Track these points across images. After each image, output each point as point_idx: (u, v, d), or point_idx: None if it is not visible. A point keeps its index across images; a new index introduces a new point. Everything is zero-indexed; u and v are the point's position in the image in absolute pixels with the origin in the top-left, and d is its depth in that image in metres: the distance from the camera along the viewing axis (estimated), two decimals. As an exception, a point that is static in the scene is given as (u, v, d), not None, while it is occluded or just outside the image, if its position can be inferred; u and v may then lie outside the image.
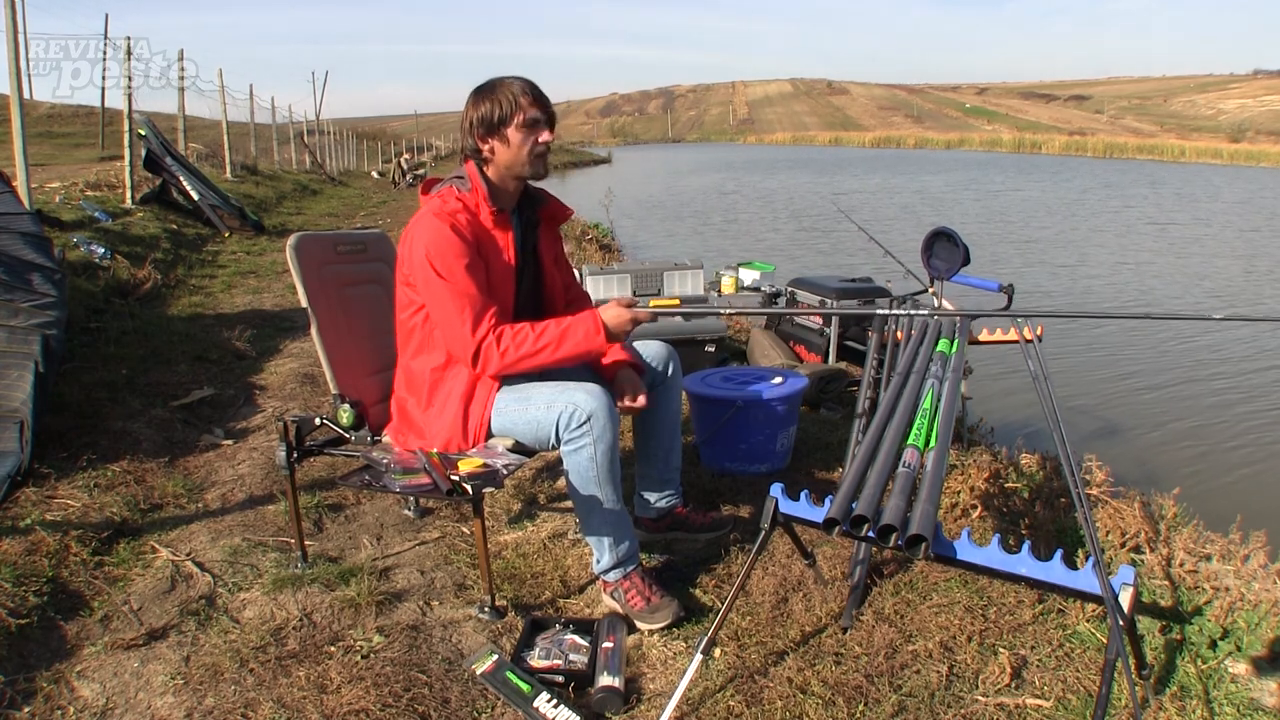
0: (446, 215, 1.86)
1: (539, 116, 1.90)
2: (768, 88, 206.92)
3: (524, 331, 1.85)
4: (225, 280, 6.48)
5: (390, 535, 2.40)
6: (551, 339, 1.84)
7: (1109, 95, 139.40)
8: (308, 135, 22.28)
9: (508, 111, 1.88)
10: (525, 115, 1.88)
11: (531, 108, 1.88)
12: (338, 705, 1.60)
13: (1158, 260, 11.83)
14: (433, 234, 1.84)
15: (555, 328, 1.86)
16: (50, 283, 3.20)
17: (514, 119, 1.88)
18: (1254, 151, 50.93)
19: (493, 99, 1.89)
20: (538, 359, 1.84)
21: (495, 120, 1.88)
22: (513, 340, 1.84)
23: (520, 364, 1.85)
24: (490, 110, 1.88)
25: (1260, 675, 1.71)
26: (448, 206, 1.88)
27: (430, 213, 1.87)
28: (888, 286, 4.76)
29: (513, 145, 1.90)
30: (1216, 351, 6.87)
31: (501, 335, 1.84)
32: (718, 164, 43.66)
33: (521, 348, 1.84)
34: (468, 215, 1.89)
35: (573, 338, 1.85)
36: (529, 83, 1.91)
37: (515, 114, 1.88)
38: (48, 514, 2.33)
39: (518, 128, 1.88)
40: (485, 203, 1.91)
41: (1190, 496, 2.62)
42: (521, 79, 1.91)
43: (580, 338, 1.85)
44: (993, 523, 2.42)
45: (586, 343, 1.85)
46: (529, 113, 1.88)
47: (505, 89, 1.89)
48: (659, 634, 1.87)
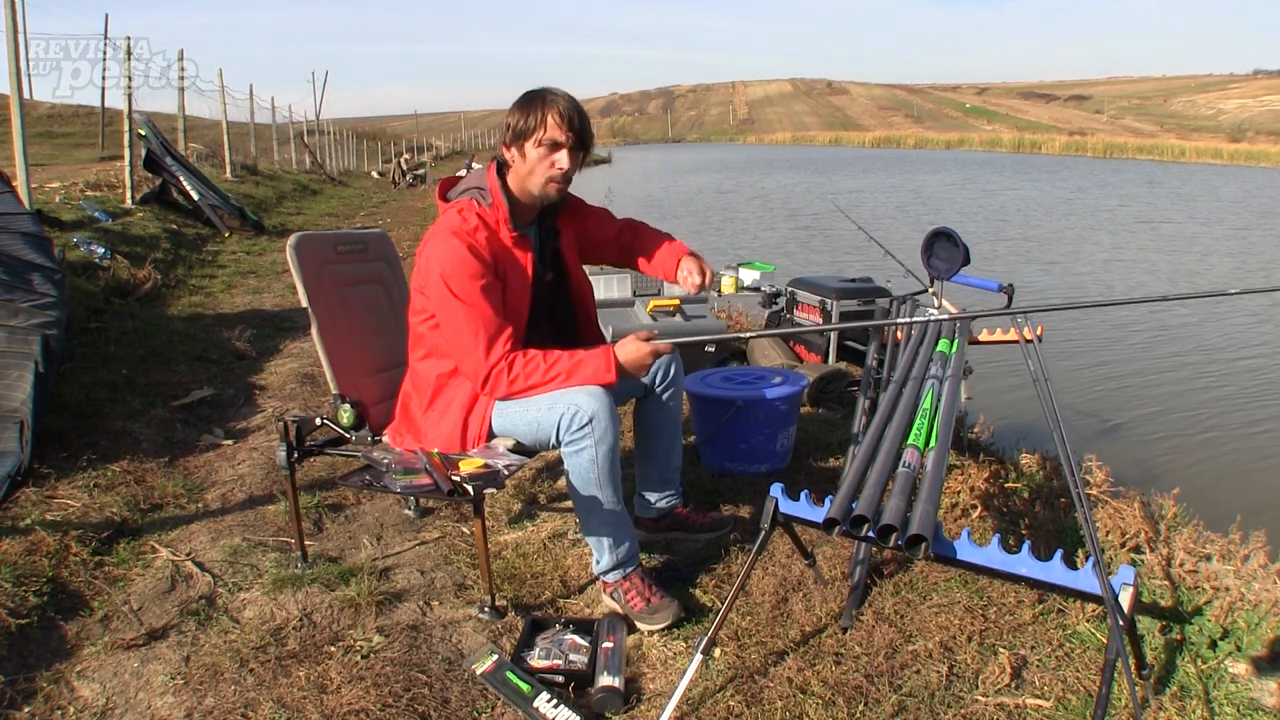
0: (465, 235, 1.83)
1: (560, 140, 1.84)
2: (768, 88, 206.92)
3: (535, 361, 1.84)
4: (225, 280, 6.48)
5: (390, 535, 2.40)
6: (562, 371, 1.84)
7: (1109, 95, 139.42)
8: (308, 135, 22.28)
9: (532, 125, 1.83)
10: (547, 134, 1.83)
11: (556, 129, 1.83)
12: (338, 705, 1.60)
13: (1151, 257, 11.87)
14: (449, 254, 1.82)
15: (567, 360, 1.84)
16: (50, 283, 3.20)
17: (535, 134, 1.83)
18: (1254, 151, 50.92)
19: (528, 109, 1.84)
20: (546, 388, 1.85)
21: (520, 130, 1.85)
22: (524, 369, 1.83)
23: (527, 392, 1.86)
24: (520, 119, 1.85)
25: (1260, 675, 1.71)
26: (467, 225, 1.85)
27: (449, 231, 1.84)
28: (888, 286, 4.76)
29: (528, 161, 1.86)
30: (1217, 352, 6.87)
31: (514, 363, 1.83)
32: (718, 164, 43.64)
33: (531, 377, 1.84)
34: (487, 233, 1.87)
35: (582, 373, 1.84)
36: (569, 103, 1.85)
37: (538, 129, 1.83)
38: (48, 514, 2.33)
39: (536, 144, 1.84)
40: (505, 224, 1.89)
41: (1190, 496, 2.62)
42: (566, 97, 1.86)
43: (590, 374, 1.84)
44: (993, 523, 2.42)
45: (595, 379, 1.84)
46: (551, 133, 1.83)
47: (542, 102, 1.84)
48: (659, 634, 1.87)
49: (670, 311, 4.00)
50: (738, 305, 6.13)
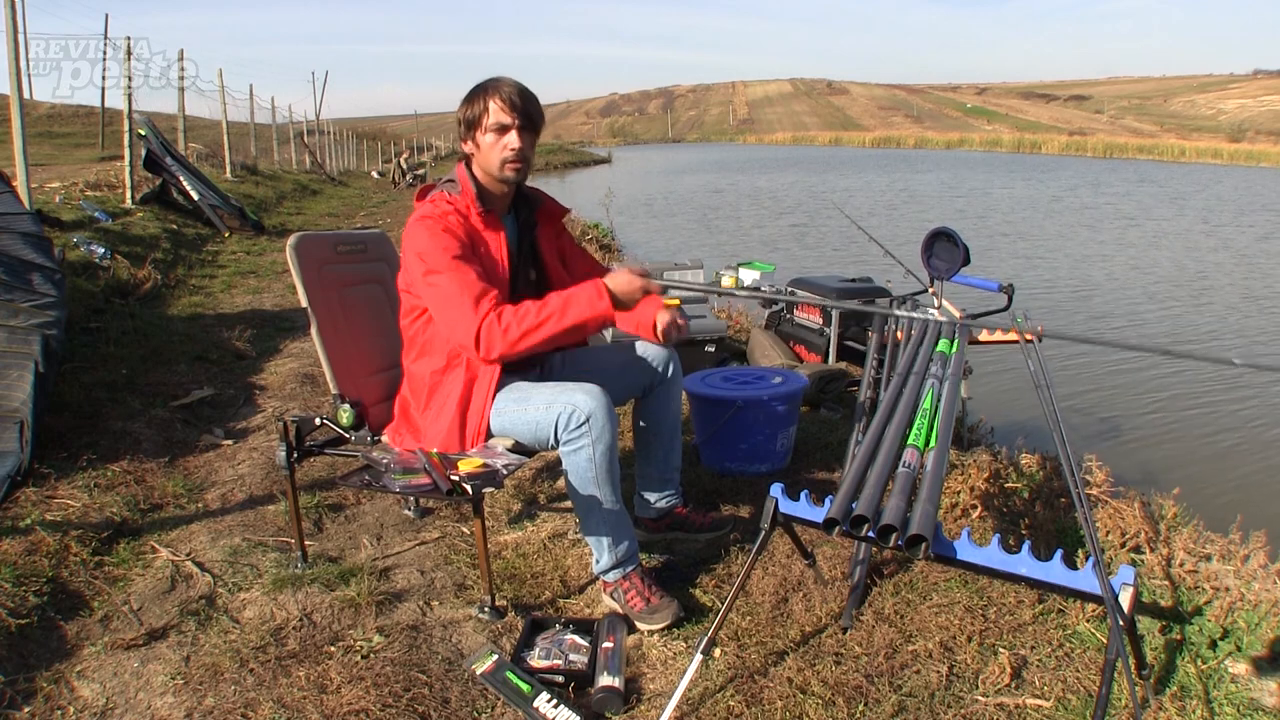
0: (436, 217, 1.87)
1: (506, 122, 1.88)
2: (768, 88, 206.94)
3: (525, 306, 1.80)
4: (225, 280, 6.48)
5: (390, 535, 2.40)
6: (555, 308, 1.79)
7: (1109, 95, 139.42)
8: (308, 135, 22.28)
9: (478, 113, 1.90)
10: (492, 118, 1.88)
11: (500, 112, 1.88)
12: (338, 705, 1.60)
13: (1128, 251, 12.03)
14: (423, 234, 1.85)
15: (558, 297, 1.82)
16: (50, 283, 3.20)
17: (483, 121, 1.89)
18: (1254, 151, 50.89)
19: (473, 100, 1.91)
20: (542, 331, 1.78)
21: (470, 120, 1.92)
22: (514, 316, 1.79)
23: (525, 339, 1.78)
24: (468, 110, 1.92)
25: (1260, 675, 1.71)
26: (437, 209, 1.89)
27: (419, 216, 1.89)
28: (887, 286, 4.76)
29: (483, 148, 1.91)
30: (1217, 350, 6.87)
31: (502, 313, 1.79)
32: (717, 164, 43.68)
33: (524, 321, 1.78)
34: (458, 217, 1.90)
35: (576, 305, 1.79)
36: (512, 87, 1.90)
37: (484, 116, 1.89)
38: (48, 514, 2.32)
39: (486, 130, 1.89)
40: (474, 204, 1.92)
41: (1190, 496, 2.62)
42: (509, 82, 1.91)
43: (584, 304, 1.79)
44: (993, 523, 2.42)
45: (590, 308, 1.79)
46: (497, 116, 1.88)
47: (484, 90, 1.90)
48: (659, 634, 1.87)
49: (670, 311, 4.00)
50: (738, 305, 6.13)
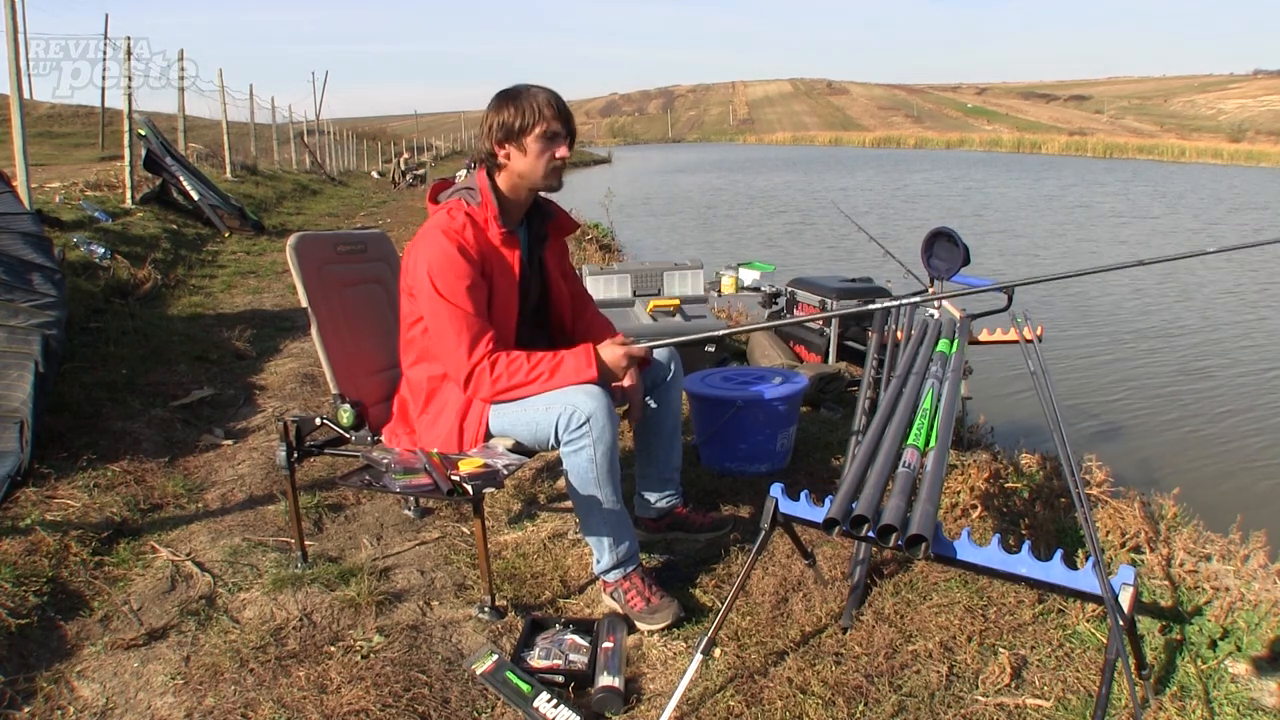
0: (454, 233, 1.85)
1: (560, 130, 1.89)
2: (768, 88, 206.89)
3: (518, 360, 1.86)
4: (225, 280, 6.48)
5: (390, 535, 2.40)
6: (544, 370, 1.86)
7: (1109, 95, 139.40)
8: (308, 135, 22.28)
9: (530, 121, 1.86)
10: (547, 127, 1.87)
11: (554, 120, 1.87)
12: (338, 705, 1.60)
13: (1113, 247, 12.10)
14: (437, 251, 1.84)
15: (549, 360, 1.87)
16: (50, 283, 3.20)
17: (535, 129, 1.86)
18: (1254, 151, 50.85)
19: (517, 105, 1.87)
20: (528, 389, 1.86)
21: (516, 127, 1.87)
22: (506, 368, 1.85)
23: (511, 392, 1.87)
24: (513, 117, 1.87)
25: (1260, 675, 1.71)
26: (455, 223, 1.87)
27: (438, 229, 1.86)
28: (887, 286, 4.76)
29: (530, 155, 1.88)
30: (1216, 352, 6.87)
31: (496, 362, 1.85)
32: (717, 164, 43.67)
33: (514, 376, 1.85)
34: (475, 231, 1.89)
35: (564, 371, 1.86)
36: (555, 95, 1.90)
37: (538, 124, 1.86)
38: (48, 514, 2.32)
39: (537, 138, 1.87)
40: (494, 221, 1.91)
41: (1190, 496, 2.62)
42: (548, 90, 1.90)
43: (571, 371, 1.86)
44: (993, 523, 2.42)
45: (577, 375, 1.86)
46: (551, 125, 1.87)
47: (530, 97, 1.87)
48: (659, 634, 1.87)
49: (670, 311, 4.01)
50: (738, 305, 6.13)
